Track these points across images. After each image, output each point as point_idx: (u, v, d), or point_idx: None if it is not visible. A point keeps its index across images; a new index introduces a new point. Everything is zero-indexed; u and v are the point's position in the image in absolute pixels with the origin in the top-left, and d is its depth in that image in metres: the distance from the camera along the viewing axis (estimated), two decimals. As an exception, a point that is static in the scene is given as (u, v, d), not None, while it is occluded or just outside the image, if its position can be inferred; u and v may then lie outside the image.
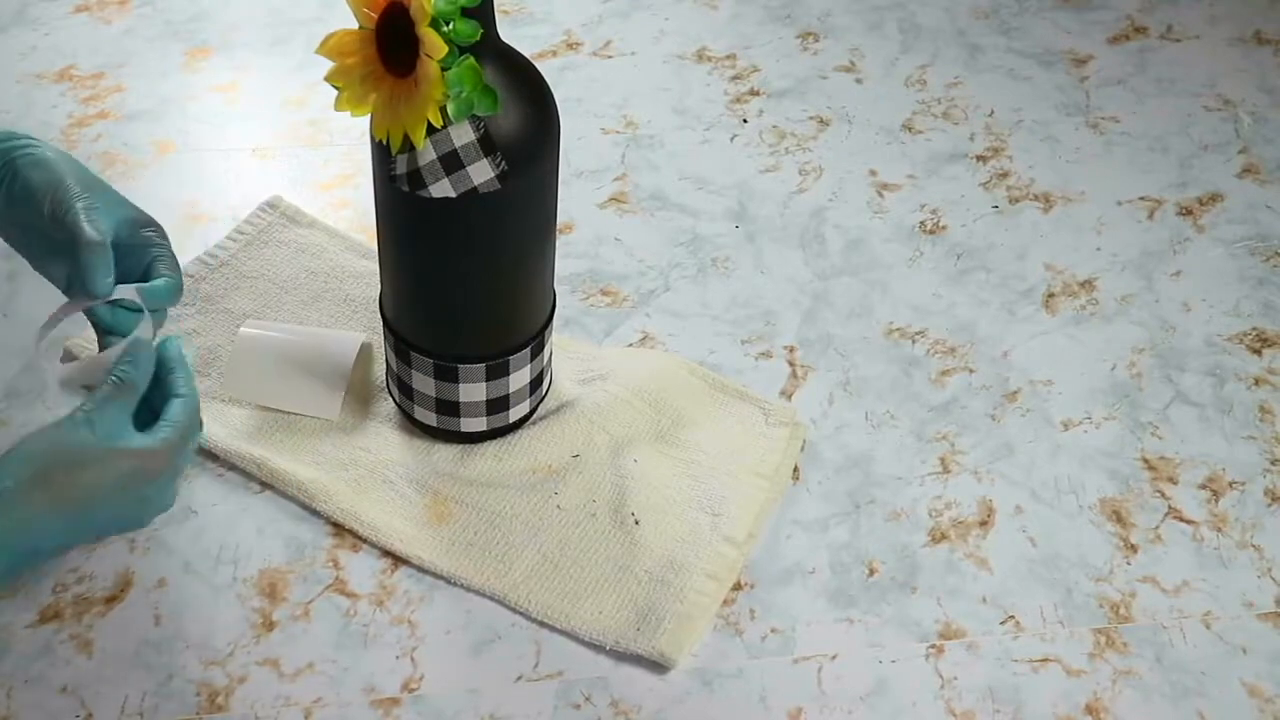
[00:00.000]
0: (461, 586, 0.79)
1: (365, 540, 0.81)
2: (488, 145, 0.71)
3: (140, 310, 0.75)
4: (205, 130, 1.09)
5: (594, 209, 1.04)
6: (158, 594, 0.78)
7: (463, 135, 0.71)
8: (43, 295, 0.94)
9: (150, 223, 0.77)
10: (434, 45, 0.65)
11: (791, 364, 0.93)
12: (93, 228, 0.73)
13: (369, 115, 0.71)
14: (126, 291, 0.74)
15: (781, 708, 0.74)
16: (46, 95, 1.11)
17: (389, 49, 0.68)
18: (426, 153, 0.71)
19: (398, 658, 0.76)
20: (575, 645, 0.77)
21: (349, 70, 0.69)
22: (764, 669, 0.76)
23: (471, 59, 0.67)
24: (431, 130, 0.69)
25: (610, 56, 1.19)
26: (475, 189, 0.72)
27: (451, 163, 0.71)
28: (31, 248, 0.78)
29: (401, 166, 0.72)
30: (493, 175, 0.71)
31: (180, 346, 0.74)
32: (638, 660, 0.76)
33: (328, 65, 0.69)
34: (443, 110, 0.67)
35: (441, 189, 0.72)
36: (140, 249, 0.76)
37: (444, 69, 0.66)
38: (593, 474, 0.84)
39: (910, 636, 0.78)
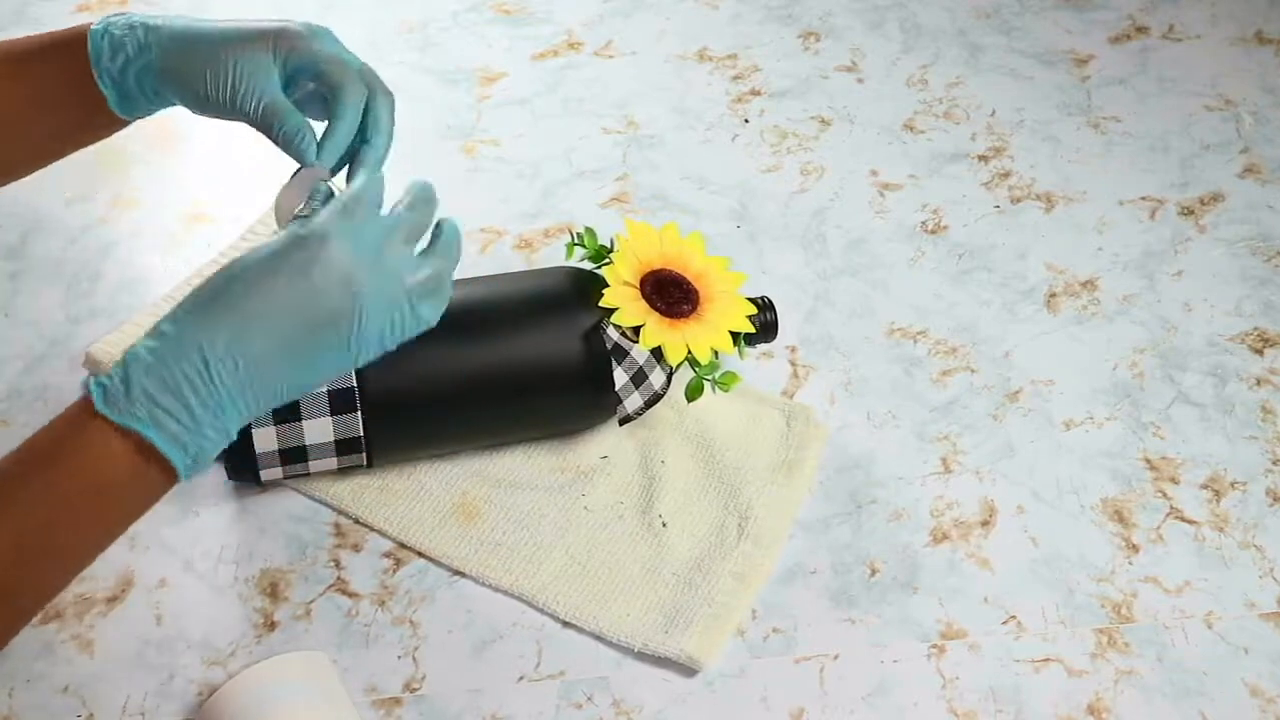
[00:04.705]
0: (489, 586, 0.79)
1: (392, 539, 0.81)
2: (659, 354, 0.82)
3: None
4: (205, 130, 1.08)
5: (595, 209, 1.04)
6: (159, 594, 0.78)
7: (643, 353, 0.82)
8: (43, 296, 0.94)
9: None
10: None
11: (793, 364, 0.93)
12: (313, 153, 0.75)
13: None
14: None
15: (783, 708, 0.74)
16: (47, 95, 1.11)
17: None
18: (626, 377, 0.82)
19: (399, 658, 0.76)
20: (577, 645, 0.77)
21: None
22: (766, 669, 0.76)
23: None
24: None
25: (611, 56, 1.19)
26: (657, 394, 0.82)
27: (639, 378, 0.82)
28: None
29: (635, 403, 0.82)
30: (665, 378, 0.83)
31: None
32: (639, 659, 0.76)
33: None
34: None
35: (634, 403, 0.82)
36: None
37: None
38: (621, 476, 0.85)
39: (912, 636, 0.78)
